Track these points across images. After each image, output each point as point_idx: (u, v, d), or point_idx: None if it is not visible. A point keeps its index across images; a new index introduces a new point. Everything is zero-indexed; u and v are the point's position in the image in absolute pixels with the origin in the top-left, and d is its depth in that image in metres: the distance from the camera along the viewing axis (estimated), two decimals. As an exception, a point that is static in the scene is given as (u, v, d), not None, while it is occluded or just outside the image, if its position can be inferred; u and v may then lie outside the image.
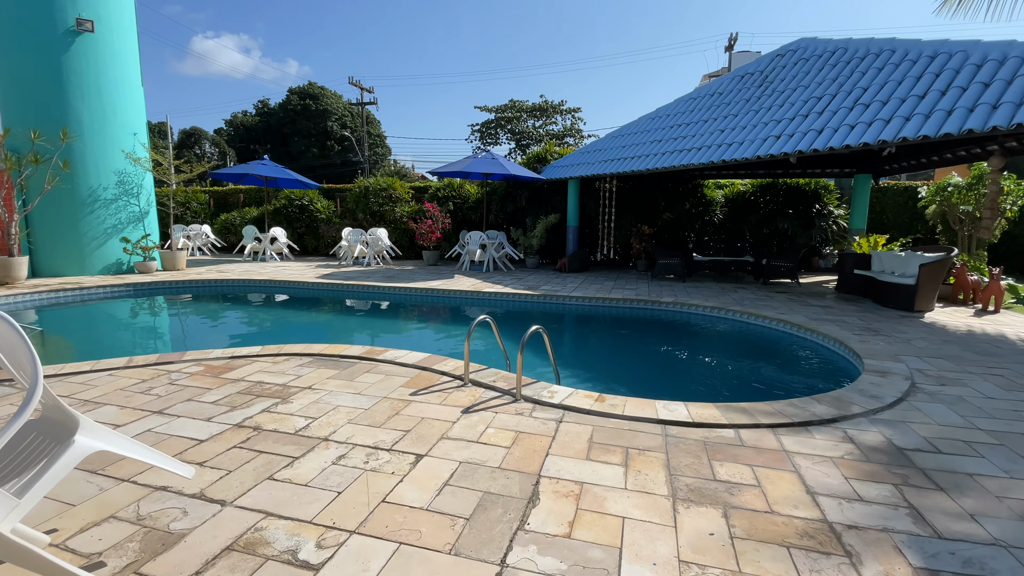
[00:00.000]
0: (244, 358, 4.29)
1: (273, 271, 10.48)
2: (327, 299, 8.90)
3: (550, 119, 41.54)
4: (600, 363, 5.59)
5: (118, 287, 8.65)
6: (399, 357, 4.24)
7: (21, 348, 1.52)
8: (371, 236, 12.17)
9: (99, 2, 9.42)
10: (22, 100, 9.19)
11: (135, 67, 10.24)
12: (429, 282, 9.00)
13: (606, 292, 7.97)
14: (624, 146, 9.90)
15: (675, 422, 2.99)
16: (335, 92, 46.53)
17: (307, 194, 14.43)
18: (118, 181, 9.85)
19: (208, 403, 3.28)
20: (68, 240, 9.54)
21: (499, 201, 12.77)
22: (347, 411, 3.16)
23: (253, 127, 45.97)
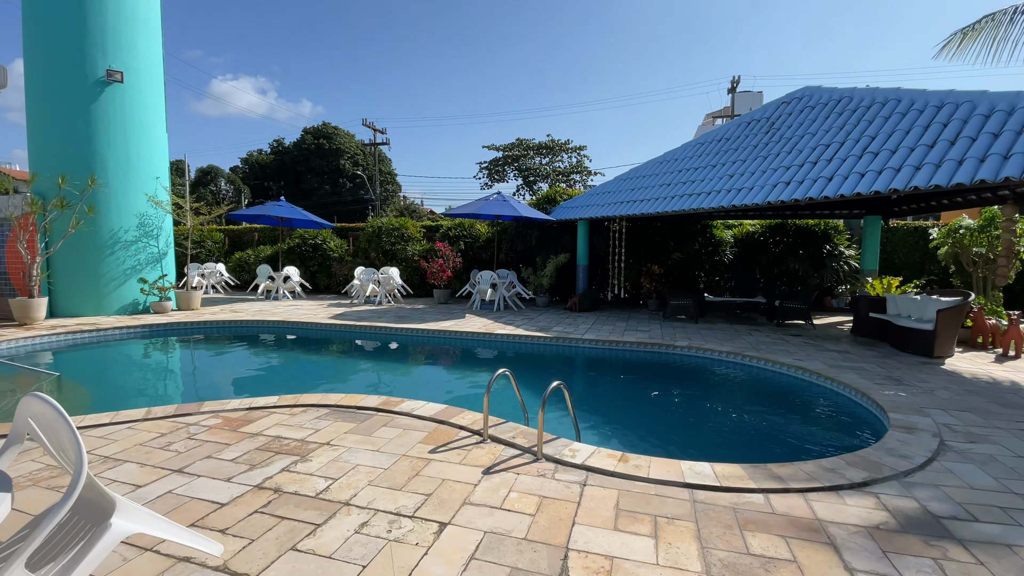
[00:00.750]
0: (261, 409, 4.28)
1: (286, 311, 10.56)
2: (339, 340, 8.92)
3: (556, 157, 42.46)
4: (616, 411, 5.51)
5: (134, 328, 8.74)
6: (416, 409, 4.21)
7: (64, 431, 1.54)
8: (383, 275, 12.30)
9: (129, 54, 9.92)
10: (51, 146, 9.56)
11: (160, 114, 10.67)
12: (441, 323, 9.02)
13: (619, 334, 7.94)
14: (633, 188, 10.06)
15: (702, 486, 2.93)
16: (347, 132, 48.00)
17: (320, 233, 14.69)
18: (139, 223, 10.11)
19: (227, 461, 3.26)
20: (87, 281, 9.72)
21: (509, 240, 12.92)
22: (367, 471, 3.12)
23: (268, 165, 47.29)
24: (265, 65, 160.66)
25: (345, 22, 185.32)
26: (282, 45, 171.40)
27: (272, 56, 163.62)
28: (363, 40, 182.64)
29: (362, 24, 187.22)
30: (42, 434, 1.68)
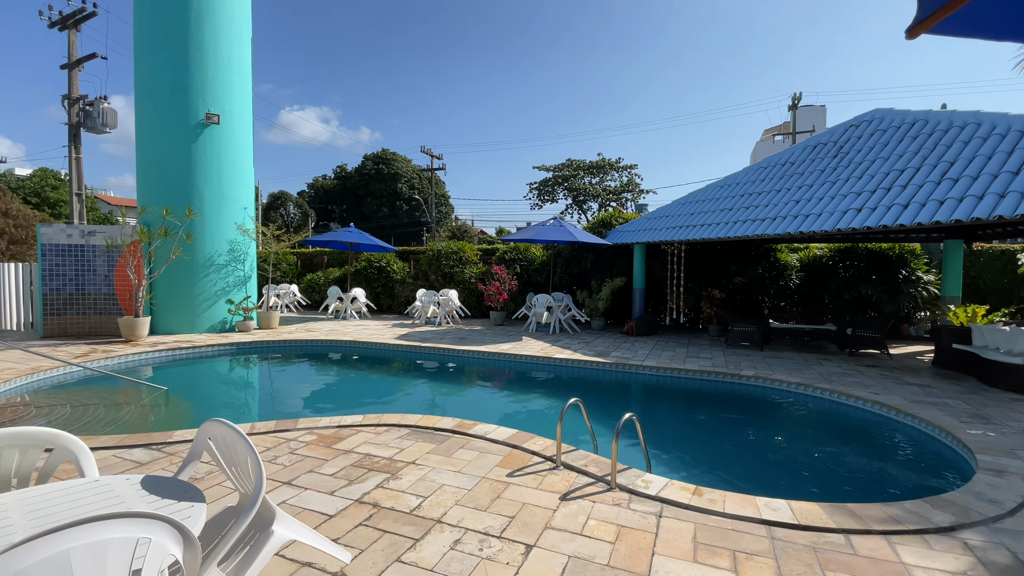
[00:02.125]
0: (349, 427, 4.68)
1: (355, 330, 11.23)
2: (405, 360, 9.39)
3: (607, 176, 42.47)
4: (681, 442, 5.53)
5: (224, 346, 9.61)
6: (489, 433, 4.46)
7: (243, 450, 1.89)
8: (443, 297, 12.81)
9: (225, 99, 11.09)
10: (157, 182, 10.79)
11: (248, 150, 11.79)
12: (499, 345, 9.31)
13: (680, 361, 7.91)
14: (693, 213, 10.04)
15: (780, 523, 2.97)
16: (405, 157, 50.26)
17: (384, 256, 15.52)
18: (229, 249, 11.16)
19: (328, 476, 3.62)
20: (183, 302, 10.79)
21: (564, 264, 13.13)
22: (452, 491, 3.38)
23: (331, 189, 50.22)
24: (328, 96, 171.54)
25: (400, 53, 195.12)
26: (344, 76, 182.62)
27: (335, 87, 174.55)
28: (418, 69, 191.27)
29: (417, 54, 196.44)
30: (217, 452, 2.05)
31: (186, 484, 1.86)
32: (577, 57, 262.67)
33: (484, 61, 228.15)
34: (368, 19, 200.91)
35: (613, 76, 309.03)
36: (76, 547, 1.19)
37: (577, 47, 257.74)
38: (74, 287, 10.39)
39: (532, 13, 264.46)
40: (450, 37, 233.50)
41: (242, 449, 1.90)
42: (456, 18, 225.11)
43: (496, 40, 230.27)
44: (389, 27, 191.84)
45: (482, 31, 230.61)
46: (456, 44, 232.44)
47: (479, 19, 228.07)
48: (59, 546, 1.17)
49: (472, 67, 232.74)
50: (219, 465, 2.09)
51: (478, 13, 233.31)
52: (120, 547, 1.25)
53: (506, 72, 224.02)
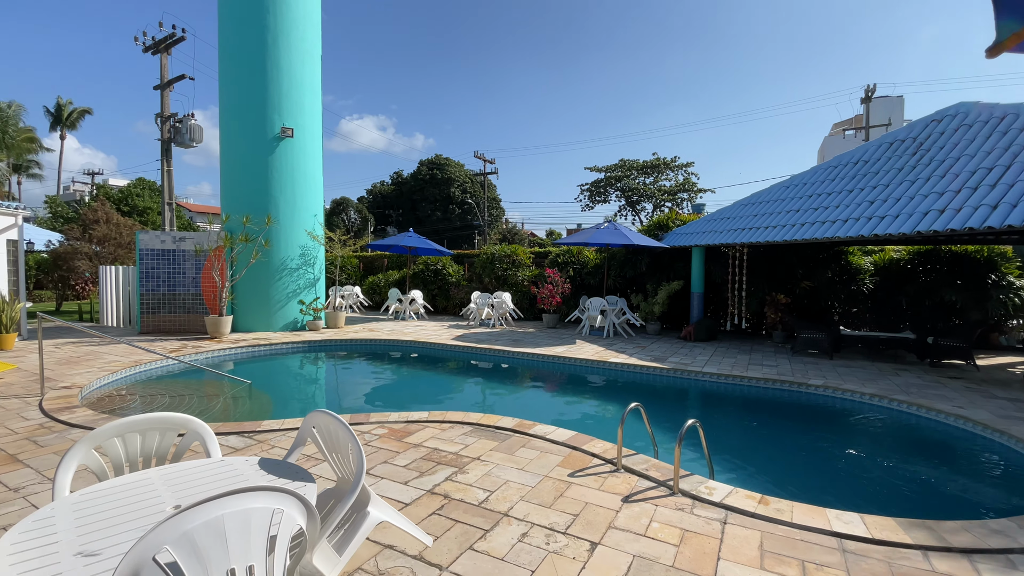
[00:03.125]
0: (416, 423, 4.95)
1: (414, 331, 11.69)
2: (462, 360, 9.69)
3: (662, 175, 41.49)
4: (743, 451, 5.41)
5: (296, 343, 10.31)
6: (549, 433, 4.59)
7: (345, 438, 2.13)
8: (496, 299, 13.07)
9: (298, 114, 11.88)
10: (238, 192, 11.72)
11: (318, 161, 12.57)
12: (554, 348, 9.41)
13: (742, 368, 7.70)
14: (756, 215, 9.72)
15: (852, 536, 2.90)
16: (458, 161, 51.31)
17: (441, 260, 16.02)
18: (301, 254, 11.94)
19: (401, 467, 3.88)
20: (260, 302, 11.65)
21: (618, 267, 13.04)
22: (517, 487, 3.54)
23: (388, 195, 52.14)
24: (385, 104, 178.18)
25: (453, 61, 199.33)
26: (399, 85, 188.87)
27: (391, 96, 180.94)
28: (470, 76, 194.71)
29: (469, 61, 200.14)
30: (321, 440, 2.31)
31: (296, 466, 2.11)
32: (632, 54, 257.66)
33: (535, 64, 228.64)
34: (423, 29, 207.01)
35: (669, 72, 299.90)
36: (228, 513, 1.44)
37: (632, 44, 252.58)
38: (167, 288, 11.48)
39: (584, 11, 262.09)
40: (502, 42, 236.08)
41: (343, 437, 2.13)
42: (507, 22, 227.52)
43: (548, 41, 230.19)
44: (442, 36, 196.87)
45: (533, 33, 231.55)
46: (508, 49, 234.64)
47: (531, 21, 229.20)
48: (216, 512, 1.42)
49: (523, 70, 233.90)
50: (321, 451, 2.35)
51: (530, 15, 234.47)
52: (261, 516, 1.49)
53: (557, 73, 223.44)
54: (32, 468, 3.94)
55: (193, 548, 1.35)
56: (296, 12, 11.66)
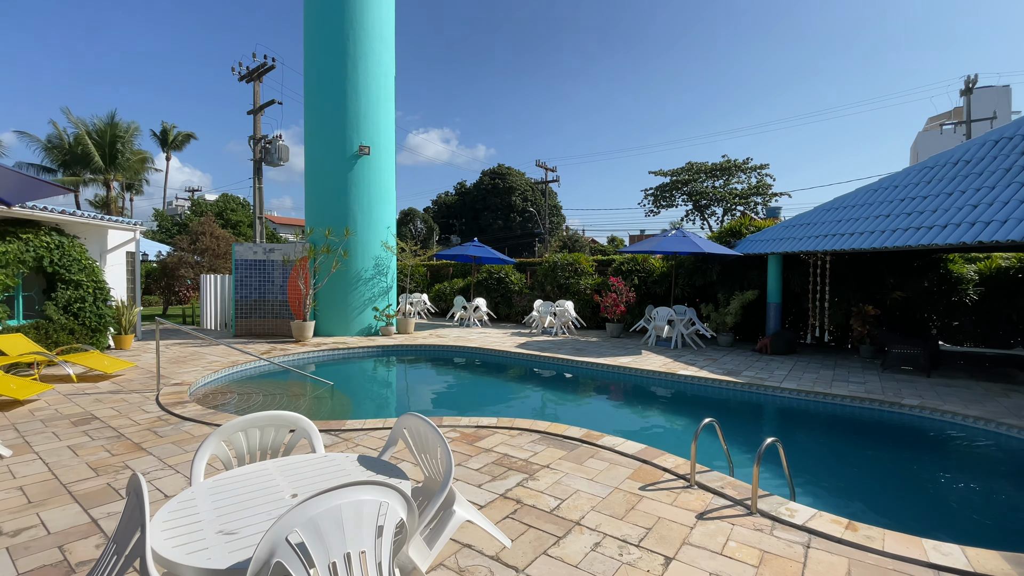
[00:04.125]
0: (486, 428, 5.13)
1: (478, 338, 12.00)
2: (525, 368, 9.82)
3: (733, 178, 39.72)
4: (828, 474, 5.11)
5: (371, 348, 10.92)
6: (617, 445, 4.59)
7: (434, 440, 2.31)
8: (559, 308, 13.11)
9: (374, 131, 12.64)
10: (320, 206, 12.62)
11: (391, 176, 13.27)
12: (619, 358, 9.31)
13: (825, 385, 7.24)
14: (840, 220, 9.13)
15: (951, 569, 2.70)
16: (519, 170, 51.97)
17: (504, 268, 16.32)
18: (375, 264, 12.65)
19: (474, 470, 4.05)
20: (338, 309, 12.45)
21: (686, 275, 12.67)
22: (587, 497, 3.59)
23: (452, 205, 53.76)
24: (449, 117, 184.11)
25: (515, 73, 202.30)
26: (463, 99, 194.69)
27: (455, 109, 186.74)
28: (531, 86, 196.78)
29: (530, 71, 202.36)
30: (411, 441, 2.51)
31: (391, 464, 2.31)
32: (701, 55, 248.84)
33: (598, 71, 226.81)
34: (485, 42, 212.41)
35: (739, 72, 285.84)
36: (344, 503, 1.63)
37: (701, 44, 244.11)
38: (257, 295, 12.56)
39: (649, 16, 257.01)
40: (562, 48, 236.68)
41: (432, 440, 2.31)
42: (569, 29, 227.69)
43: (611, 48, 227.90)
44: (505, 48, 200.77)
45: (596, 38, 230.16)
46: (570, 56, 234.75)
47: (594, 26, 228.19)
48: (335, 501, 1.62)
49: (586, 77, 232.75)
50: (411, 451, 2.54)
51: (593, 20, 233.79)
52: (370, 507, 1.68)
53: (620, 80, 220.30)
54: (155, 456, 4.50)
55: (317, 532, 1.55)
56: (373, 37, 12.46)
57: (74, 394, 6.61)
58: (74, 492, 3.72)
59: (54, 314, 8.77)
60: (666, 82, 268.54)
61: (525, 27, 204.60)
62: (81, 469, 4.16)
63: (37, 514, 3.39)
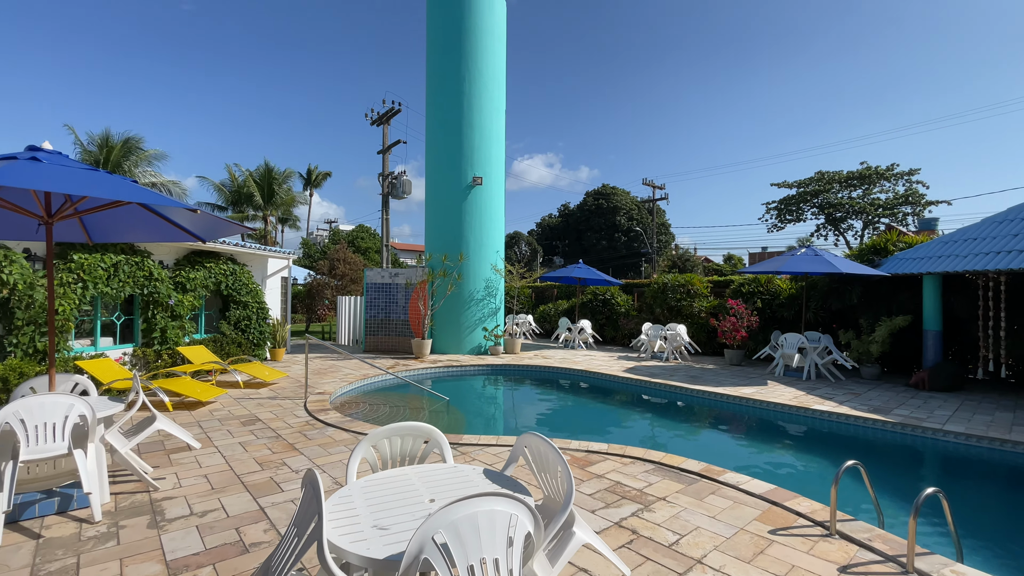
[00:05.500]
0: (597, 454, 5.09)
1: (584, 360, 11.93)
2: (633, 393, 9.53)
3: (874, 186, 35.14)
4: (1006, 535, 4.24)
5: (480, 366, 11.41)
6: (742, 483, 4.28)
7: (554, 460, 2.41)
8: (670, 331, 12.57)
9: (486, 162, 13.41)
10: (438, 234, 13.61)
11: (501, 203, 13.93)
12: (740, 388, 8.65)
13: (1003, 430, 6.05)
14: (1017, 234, 7.68)
15: None
16: (624, 190, 51.20)
17: (609, 290, 16.11)
18: (485, 286, 13.28)
19: (586, 495, 4.06)
20: (452, 328, 13.23)
21: (820, 297, 11.44)
22: (709, 535, 3.40)
23: (556, 227, 54.44)
24: (552, 142, 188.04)
25: (616, 91, 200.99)
26: (566, 124, 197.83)
27: (558, 134, 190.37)
28: (636, 104, 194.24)
29: (635, 90, 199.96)
30: (531, 459, 2.64)
31: (514, 480, 2.45)
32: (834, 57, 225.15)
33: (706, 83, 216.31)
34: (586, 66, 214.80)
35: (876, 72, 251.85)
36: (480, 511, 1.79)
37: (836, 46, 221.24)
38: (384, 315, 13.82)
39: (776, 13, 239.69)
40: (664, 61, 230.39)
41: (553, 460, 2.41)
42: (670, 39, 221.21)
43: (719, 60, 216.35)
44: (605, 71, 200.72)
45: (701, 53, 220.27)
46: (672, 69, 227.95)
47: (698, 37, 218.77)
48: (472, 509, 1.78)
49: (693, 90, 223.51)
50: (531, 469, 2.67)
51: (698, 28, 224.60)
52: (502, 518, 1.81)
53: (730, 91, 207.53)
54: (305, 456, 5.16)
55: (458, 535, 1.72)
56: (486, 77, 13.34)
57: (241, 398, 7.83)
58: (245, 483, 4.41)
59: (227, 330, 10.50)
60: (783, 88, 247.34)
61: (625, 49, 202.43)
62: (250, 463, 4.92)
63: (218, 499, 4.08)
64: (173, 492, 4.18)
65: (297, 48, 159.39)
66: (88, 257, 7.85)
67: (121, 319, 8.77)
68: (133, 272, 8.45)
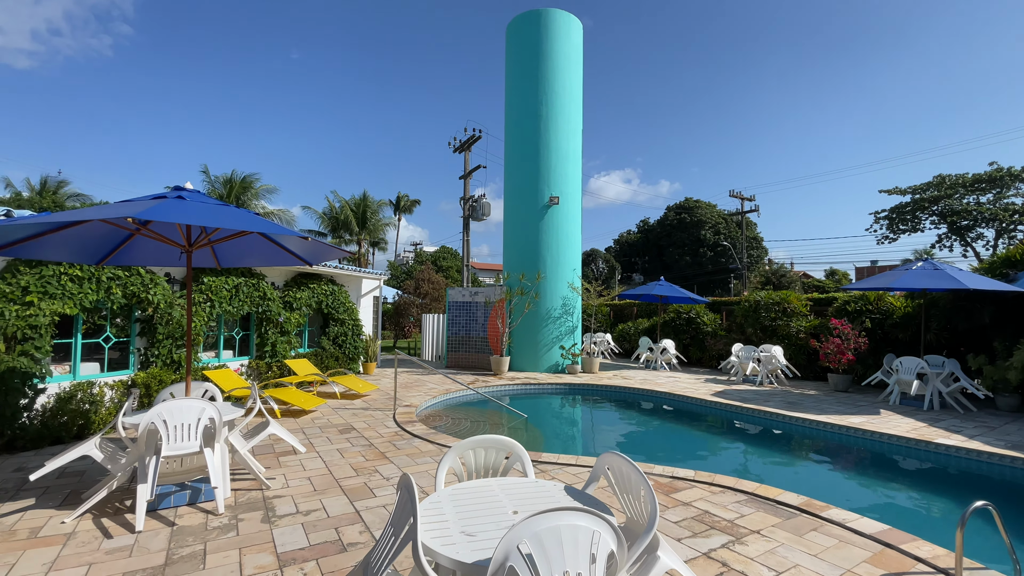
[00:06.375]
0: (682, 480, 4.88)
1: (667, 382, 11.46)
2: (721, 419, 8.99)
3: (1007, 190, 30.62)
4: None
5: (558, 385, 11.38)
6: (849, 521, 3.89)
7: (637, 482, 2.39)
8: (764, 353, 11.73)
9: (563, 182, 13.56)
10: (516, 253, 13.90)
11: (577, 221, 13.96)
12: (847, 417, 7.85)
13: None
14: None
15: None
16: (708, 203, 48.98)
17: (694, 308, 15.40)
18: (562, 304, 13.30)
19: (672, 522, 3.91)
20: (529, 346, 13.35)
21: (942, 317, 10.13)
22: (810, 575, 3.14)
23: (634, 243, 53.19)
24: (630, 157, 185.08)
25: (697, 102, 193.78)
26: (644, 138, 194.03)
27: (636, 149, 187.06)
28: (714, 114, 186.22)
29: (717, 100, 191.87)
30: (613, 479, 2.63)
31: (596, 499, 2.46)
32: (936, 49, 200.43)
33: (797, 87, 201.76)
34: (667, 79, 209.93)
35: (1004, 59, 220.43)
36: (563, 525, 1.83)
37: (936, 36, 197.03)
38: (464, 332, 14.29)
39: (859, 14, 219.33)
40: (749, 73, 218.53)
41: (636, 481, 2.39)
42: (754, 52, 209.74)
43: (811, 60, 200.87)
44: (685, 82, 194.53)
45: (793, 56, 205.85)
46: (759, 78, 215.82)
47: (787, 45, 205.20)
48: (555, 522, 1.83)
49: (782, 93, 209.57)
50: (613, 490, 2.66)
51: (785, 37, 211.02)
52: (585, 533, 1.84)
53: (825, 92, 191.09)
54: (395, 465, 5.46)
55: (542, 546, 1.78)
56: (563, 98, 13.60)
57: (338, 408, 8.45)
58: (343, 486, 4.77)
59: (326, 345, 11.43)
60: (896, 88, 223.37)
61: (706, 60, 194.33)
62: (346, 468, 5.30)
63: (320, 500, 4.44)
64: (282, 491, 4.63)
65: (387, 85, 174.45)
66: (215, 280, 8.99)
67: (240, 334, 9.89)
68: (250, 293, 9.53)
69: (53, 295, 6.43)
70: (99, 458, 4.20)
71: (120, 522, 3.91)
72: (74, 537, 3.63)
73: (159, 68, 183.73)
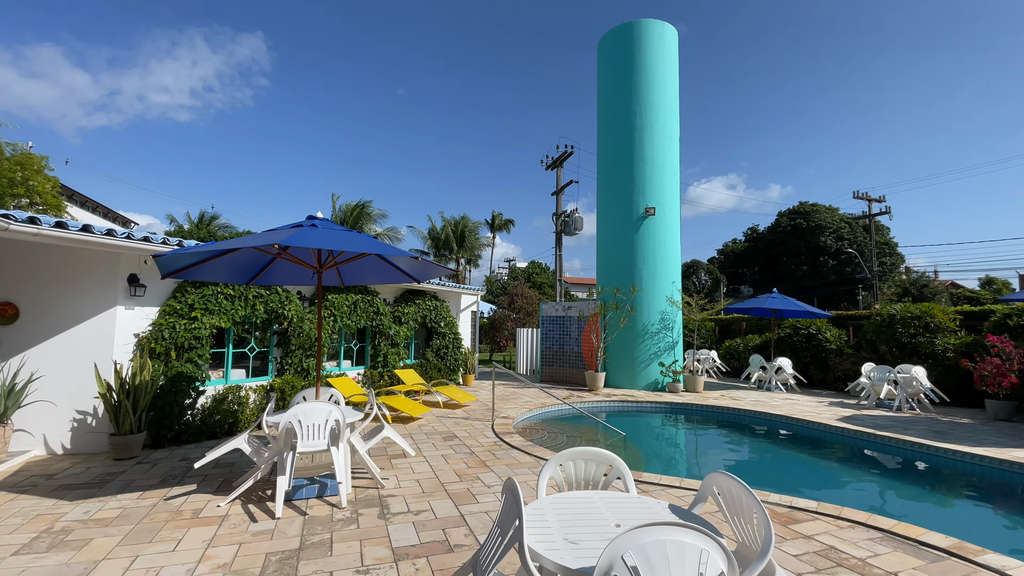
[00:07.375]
0: (803, 511, 4.47)
1: (784, 404, 10.50)
2: (847, 447, 8.02)
3: None
4: None
5: (658, 403, 10.94)
6: (1010, 568, 3.31)
7: (748, 504, 2.28)
8: (902, 375, 10.30)
9: (659, 193, 13.19)
10: (610, 266, 13.71)
11: (676, 233, 13.44)
12: (1011, 451, 6.62)
13: None
14: None
15: None
16: (828, 206, 44.38)
17: (814, 323, 13.99)
18: (660, 319, 12.83)
19: (791, 555, 3.60)
20: (626, 362, 13.01)
21: None
22: (966, 630, 2.72)
23: (741, 253, 49.60)
24: (733, 163, 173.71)
25: (806, 98, 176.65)
26: (747, 141, 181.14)
27: (740, 153, 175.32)
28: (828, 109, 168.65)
29: (826, 94, 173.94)
30: (722, 501, 2.53)
31: (703, 519, 2.38)
32: None
33: (924, 71, 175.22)
34: (772, 76, 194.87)
35: None
36: (669, 540, 1.82)
37: None
38: (558, 346, 14.34)
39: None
40: (866, 62, 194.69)
41: (747, 503, 2.28)
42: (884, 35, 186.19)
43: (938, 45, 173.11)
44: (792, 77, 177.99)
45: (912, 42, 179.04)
46: (878, 67, 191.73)
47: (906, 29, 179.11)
48: (660, 536, 1.82)
49: (907, 83, 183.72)
50: (722, 512, 2.55)
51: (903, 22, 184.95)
52: (692, 551, 1.81)
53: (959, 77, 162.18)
54: (494, 473, 5.64)
55: (647, 559, 1.78)
56: (658, 108, 13.30)
57: (442, 416, 8.92)
58: (448, 491, 5.04)
59: (430, 356, 12.14)
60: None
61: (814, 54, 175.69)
62: (450, 474, 5.59)
63: (428, 501, 4.73)
64: (395, 491, 5.01)
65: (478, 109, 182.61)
66: (337, 296, 10.03)
67: (356, 346, 10.89)
68: (366, 308, 10.47)
69: (212, 311, 7.62)
70: (248, 451, 4.89)
71: (263, 509, 4.50)
72: (227, 519, 4.25)
73: (290, 112, 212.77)
